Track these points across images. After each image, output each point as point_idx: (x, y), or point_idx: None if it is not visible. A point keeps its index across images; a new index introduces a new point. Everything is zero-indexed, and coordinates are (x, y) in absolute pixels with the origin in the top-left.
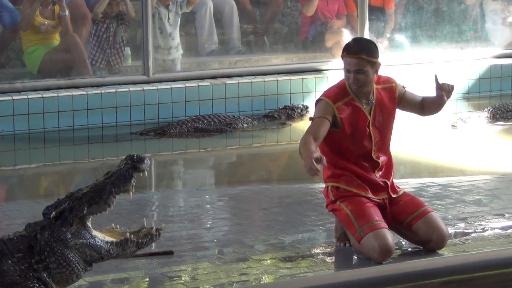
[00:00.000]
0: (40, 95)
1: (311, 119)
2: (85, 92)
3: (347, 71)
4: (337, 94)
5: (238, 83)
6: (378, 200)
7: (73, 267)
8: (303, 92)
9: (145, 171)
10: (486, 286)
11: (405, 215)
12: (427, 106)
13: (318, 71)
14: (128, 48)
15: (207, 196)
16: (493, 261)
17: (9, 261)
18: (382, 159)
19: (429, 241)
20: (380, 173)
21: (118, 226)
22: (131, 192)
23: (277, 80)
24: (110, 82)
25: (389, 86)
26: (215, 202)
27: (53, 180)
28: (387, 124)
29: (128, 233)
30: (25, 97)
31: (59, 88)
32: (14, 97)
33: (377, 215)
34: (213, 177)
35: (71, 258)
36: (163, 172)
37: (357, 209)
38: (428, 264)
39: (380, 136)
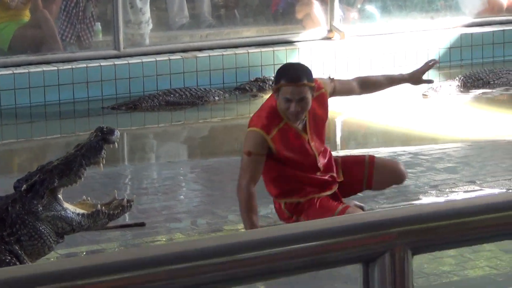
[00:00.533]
0: (11, 71)
1: (249, 153)
2: (56, 68)
3: (287, 100)
4: (269, 123)
5: (209, 56)
6: (331, 193)
7: (45, 239)
8: (274, 64)
9: (115, 143)
10: (444, 235)
11: (358, 185)
12: (374, 85)
13: (288, 43)
14: (99, 23)
15: (180, 169)
16: (448, 211)
17: None
18: (322, 160)
19: (395, 184)
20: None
21: (89, 198)
22: (101, 164)
23: (248, 53)
24: (81, 57)
25: (319, 93)
26: (188, 174)
27: (25, 156)
28: (321, 129)
29: (99, 205)
30: None
31: (30, 64)
32: None
33: (334, 204)
34: (186, 150)
35: (43, 230)
36: (135, 146)
37: (315, 214)
38: (383, 214)
39: (319, 142)
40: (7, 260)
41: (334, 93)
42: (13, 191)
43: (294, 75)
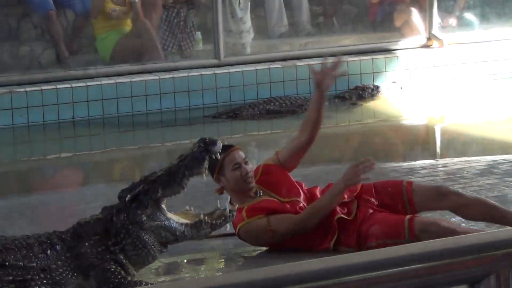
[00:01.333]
0: (113, 81)
1: (272, 229)
2: (157, 77)
3: (237, 167)
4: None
5: (309, 65)
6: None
7: (149, 248)
8: (373, 72)
9: (218, 154)
10: None
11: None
12: (308, 121)
13: (387, 51)
14: (199, 32)
15: None
16: None
17: (86, 244)
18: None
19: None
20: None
21: (192, 208)
22: (204, 174)
23: (347, 61)
24: (182, 66)
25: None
26: None
27: (127, 164)
28: (288, 181)
29: (202, 215)
30: (99, 83)
31: (131, 73)
32: (88, 83)
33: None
34: None
35: (147, 240)
36: None
37: (381, 227)
38: (488, 236)
39: (296, 193)
40: (112, 269)
41: (285, 163)
42: (117, 200)
43: (223, 145)
